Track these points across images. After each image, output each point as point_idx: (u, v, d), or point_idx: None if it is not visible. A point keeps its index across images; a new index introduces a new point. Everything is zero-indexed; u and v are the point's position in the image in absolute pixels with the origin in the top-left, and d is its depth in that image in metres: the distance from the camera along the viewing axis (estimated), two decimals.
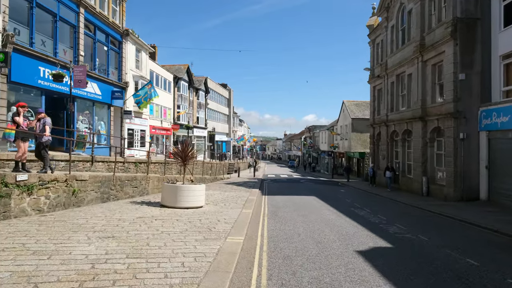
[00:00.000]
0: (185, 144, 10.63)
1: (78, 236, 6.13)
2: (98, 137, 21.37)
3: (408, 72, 21.26)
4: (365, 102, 39.94)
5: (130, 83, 24.21)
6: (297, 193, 19.07)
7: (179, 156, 10.42)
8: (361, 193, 21.21)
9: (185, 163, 10.53)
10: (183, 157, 10.35)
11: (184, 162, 10.45)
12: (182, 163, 10.49)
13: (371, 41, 28.57)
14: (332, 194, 19.29)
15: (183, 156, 10.35)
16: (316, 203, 14.33)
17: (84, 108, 19.60)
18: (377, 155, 27.92)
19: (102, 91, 20.51)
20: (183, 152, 10.35)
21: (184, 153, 10.34)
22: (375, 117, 28.01)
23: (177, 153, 10.54)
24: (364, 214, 11.73)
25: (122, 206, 9.72)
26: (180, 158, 10.39)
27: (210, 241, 6.30)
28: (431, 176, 18.75)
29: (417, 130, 19.75)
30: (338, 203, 14.59)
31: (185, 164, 10.55)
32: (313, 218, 10.46)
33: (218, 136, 52.64)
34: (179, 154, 10.41)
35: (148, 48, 27.83)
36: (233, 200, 12.77)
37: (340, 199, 16.85)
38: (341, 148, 41.53)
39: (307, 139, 74.41)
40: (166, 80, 33.43)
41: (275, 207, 12.75)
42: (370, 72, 28.75)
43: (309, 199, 15.77)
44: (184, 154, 10.32)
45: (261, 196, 16.61)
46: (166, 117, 33.19)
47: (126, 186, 11.64)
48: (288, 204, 13.77)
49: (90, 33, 19.61)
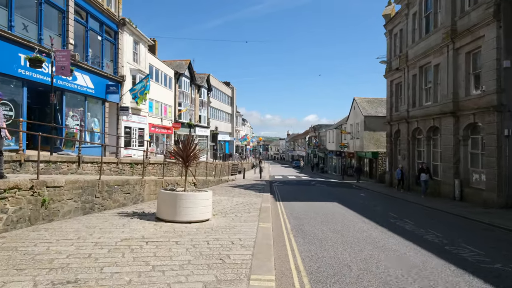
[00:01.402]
0: (187, 142, 8.44)
1: (17, 285, 3.86)
2: (91, 135, 19.36)
3: (435, 62, 19.12)
4: (377, 99, 37.83)
5: (127, 77, 22.19)
6: (314, 198, 16.93)
7: (180, 156, 8.34)
8: (388, 199, 18.62)
9: (187, 165, 8.46)
10: (185, 157, 8.27)
11: (186, 163, 8.37)
12: (183, 165, 8.45)
13: (388, 32, 26.44)
14: (354, 199, 17.10)
15: (185, 156, 8.26)
16: (343, 212, 12.18)
17: (75, 103, 17.58)
18: (394, 155, 25.79)
19: (95, 84, 18.49)
20: (184, 151, 8.27)
21: (185, 152, 8.26)
22: (393, 114, 25.88)
23: (177, 153, 8.46)
24: (411, 229, 9.41)
25: (107, 220, 7.61)
26: (181, 159, 8.31)
27: (225, 285, 4.24)
28: (465, 178, 16.62)
29: (447, 127, 17.62)
30: (368, 212, 12.41)
31: (187, 165, 8.48)
32: (352, 236, 8.26)
33: (221, 135, 50.60)
34: (180, 154, 8.32)
35: (147, 41, 25.81)
36: (244, 209, 10.68)
37: (367, 206, 14.66)
38: (351, 147, 39.39)
39: (312, 138, 72.30)
40: (166, 76, 31.41)
41: (296, 218, 10.58)
42: (387, 66, 26.61)
43: (331, 206, 13.63)
44: (186, 153, 8.26)
45: (275, 202, 14.48)
46: (167, 115, 31.16)
47: (115, 192, 9.58)
48: (310, 213, 11.61)
49: (81, 20, 17.59)
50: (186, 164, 8.39)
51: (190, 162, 8.39)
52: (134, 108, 23.58)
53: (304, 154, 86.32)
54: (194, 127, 37.86)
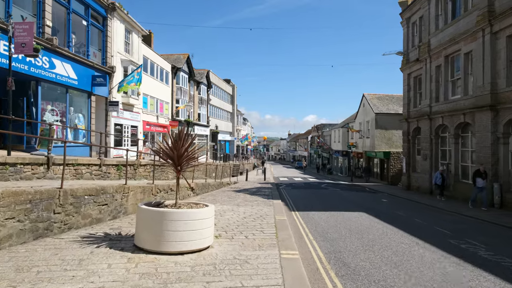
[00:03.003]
0: (180, 136, 5.97)
1: None
2: (74, 133, 17.05)
3: (466, 49, 16.83)
4: (388, 95, 35.53)
5: (117, 69, 19.87)
6: (333, 205, 14.48)
7: (169, 157, 5.89)
8: (421, 207, 15.01)
9: (180, 169, 6.14)
10: (176, 159, 5.92)
11: (177, 166, 6.04)
12: (174, 169, 6.18)
13: (405, 20, 24.12)
14: (379, 207, 14.51)
15: (176, 157, 5.90)
16: (380, 227, 9.58)
17: (54, 95, 15.28)
18: (412, 155, 23.49)
19: (79, 75, 16.18)
20: (175, 150, 5.95)
21: (177, 151, 5.90)
22: (410, 110, 23.57)
23: (165, 153, 6.01)
24: (494, 259, 6.68)
25: (59, 252, 5.17)
26: (171, 161, 5.98)
27: None
28: (505, 182, 14.35)
29: (482, 123, 15.33)
30: (412, 228, 9.69)
31: (180, 169, 6.14)
32: (422, 273, 5.67)
33: (221, 135, 48.25)
34: (169, 154, 5.92)
35: (141, 30, 23.47)
36: (255, 225, 8.34)
37: (402, 217, 11.87)
38: (360, 147, 37.06)
39: (315, 138, 69.98)
40: (163, 70, 29.07)
41: (326, 238, 8.10)
42: (403, 57, 24.30)
43: (360, 218, 11.11)
44: (177, 153, 5.91)
45: (290, 212, 12.09)
46: (163, 112, 28.82)
47: (86, 204, 7.26)
48: (340, 229, 9.14)
49: (62, 1, 15.28)
50: (178, 168, 6.01)
51: (184, 165, 5.99)
52: (126, 104, 21.28)
53: (306, 154, 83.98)
54: (193, 126, 35.53)
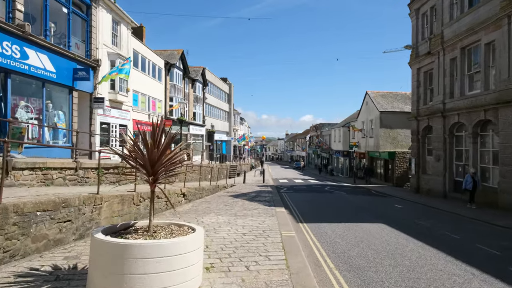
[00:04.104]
0: (155, 134, 4.14)
1: None
2: (53, 133, 15.33)
3: (487, 39, 15.30)
4: (392, 93, 34.03)
5: (103, 62, 18.14)
6: (345, 214, 12.68)
7: (140, 163, 4.08)
8: (448, 217, 12.85)
9: (154, 179, 4.20)
10: (149, 167, 4.05)
11: (151, 176, 4.16)
12: (147, 180, 4.21)
13: (413, 12, 22.59)
14: (399, 215, 12.65)
15: (149, 165, 4.03)
16: (418, 249, 7.54)
17: (28, 89, 13.57)
18: (422, 155, 21.96)
19: (57, 67, 14.47)
20: (148, 154, 4.01)
21: (150, 154, 3.99)
22: (420, 107, 22.03)
23: (134, 157, 4.15)
24: None
25: None
26: (143, 169, 4.11)
27: None
28: None
29: (507, 120, 13.81)
30: (454, 247, 7.78)
31: (155, 180, 4.22)
32: None
33: (218, 135, 46.55)
34: (139, 158, 4.08)
35: (130, 22, 21.75)
36: (258, 247, 6.61)
37: (434, 231, 9.78)
38: (363, 147, 35.53)
39: (313, 138, 68.48)
40: (155, 66, 27.35)
41: (354, 268, 6.08)
42: (412, 51, 22.76)
43: (383, 233, 9.25)
44: (150, 157, 4.00)
45: (296, 224, 10.37)
46: (156, 110, 27.11)
47: (39, 223, 5.57)
48: (367, 251, 7.29)
49: None
50: (151, 181, 4.10)
51: (161, 173, 4.22)
52: (113, 101, 19.56)
53: (304, 154, 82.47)
54: (188, 125, 33.83)
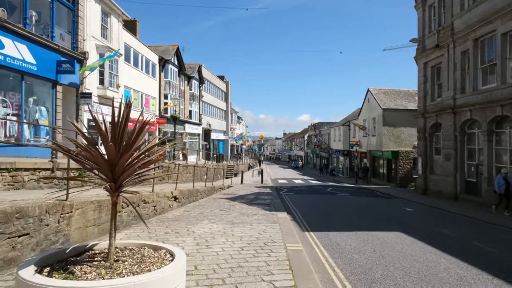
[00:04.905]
0: (117, 125, 2.85)
1: None
2: (35, 130, 14.10)
3: (503, 29, 14.24)
4: (395, 90, 32.98)
5: (91, 55, 16.89)
6: (354, 219, 11.52)
7: (95, 166, 2.66)
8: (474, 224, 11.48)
9: (116, 187, 2.84)
10: (109, 173, 2.70)
11: (112, 182, 2.79)
12: (106, 186, 2.82)
13: (420, 3, 21.51)
14: (413, 221, 11.63)
15: (108, 171, 2.67)
16: (454, 268, 6.16)
17: (5, 83, 12.35)
18: (430, 154, 20.90)
19: (39, 59, 13.24)
20: (106, 152, 2.66)
21: (110, 154, 2.62)
22: (427, 104, 20.97)
23: (86, 157, 2.71)
24: None
25: None
26: (103, 174, 2.71)
27: None
28: None
29: None
30: (495, 264, 6.52)
31: (118, 188, 2.84)
32: None
33: (215, 134, 45.33)
34: (92, 160, 2.65)
35: (121, 14, 20.49)
36: (259, 267, 5.32)
37: (464, 241, 8.59)
38: (365, 146, 34.47)
39: (312, 137, 67.41)
40: (149, 62, 26.11)
41: None
42: (418, 45, 21.68)
43: (405, 245, 7.93)
44: (110, 156, 2.65)
45: (302, 233, 9.14)
46: (149, 108, 25.86)
47: None
48: (393, 271, 5.89)
49: None
50: (113, 190, 2.86)
51: (125, 178, 2.87)
52: (102, 96, 18.30)
53: (303, 154, 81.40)
54: (184, 123, 32.61)
